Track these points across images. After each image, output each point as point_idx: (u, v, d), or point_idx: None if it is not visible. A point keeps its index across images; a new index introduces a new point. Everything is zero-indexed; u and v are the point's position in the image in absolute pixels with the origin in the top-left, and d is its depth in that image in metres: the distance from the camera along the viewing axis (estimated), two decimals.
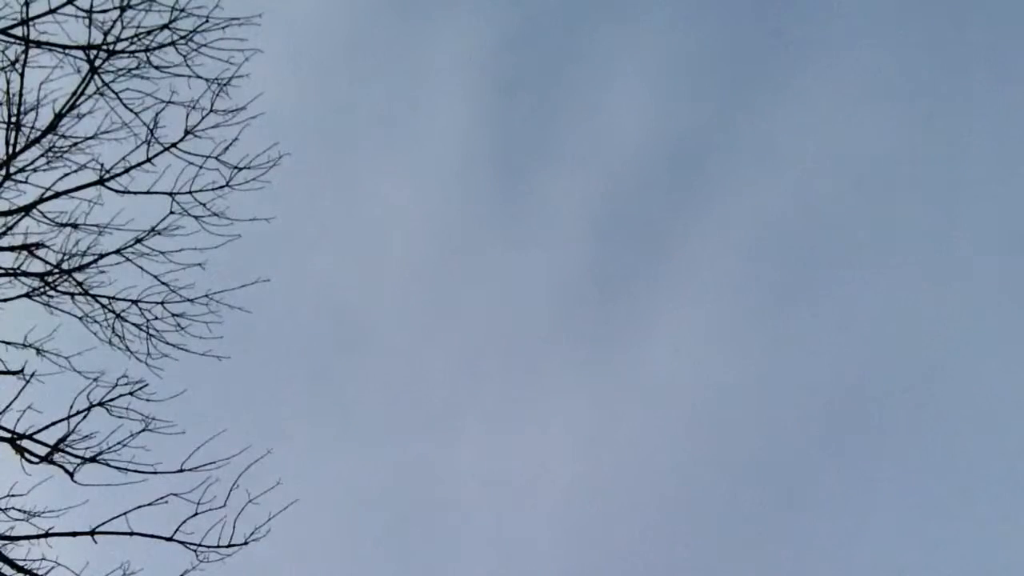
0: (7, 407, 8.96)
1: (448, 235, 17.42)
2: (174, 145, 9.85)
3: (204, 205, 10.01)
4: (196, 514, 9.08)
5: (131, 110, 9.73)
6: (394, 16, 16.44)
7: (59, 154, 9.72)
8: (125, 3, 9.30)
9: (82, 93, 9.55)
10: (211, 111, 9.77)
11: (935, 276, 17.59)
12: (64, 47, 9.37)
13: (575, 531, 17.06)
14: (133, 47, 9.53)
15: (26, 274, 9.79)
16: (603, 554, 16.77)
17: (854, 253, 17.92)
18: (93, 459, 9.21)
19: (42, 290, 9.88)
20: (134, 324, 10.18)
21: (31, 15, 9.11)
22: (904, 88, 17.63)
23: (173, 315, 10.18)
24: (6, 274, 9.72)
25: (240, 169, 9.98)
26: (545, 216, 17.79)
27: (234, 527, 9.09)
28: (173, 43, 9.58)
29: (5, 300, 9.75)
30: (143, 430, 9.38)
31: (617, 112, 17.61)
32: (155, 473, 9.24)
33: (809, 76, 17.63)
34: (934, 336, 17.60)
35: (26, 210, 9.65)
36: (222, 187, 10.00)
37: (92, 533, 8.96)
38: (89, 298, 10.02)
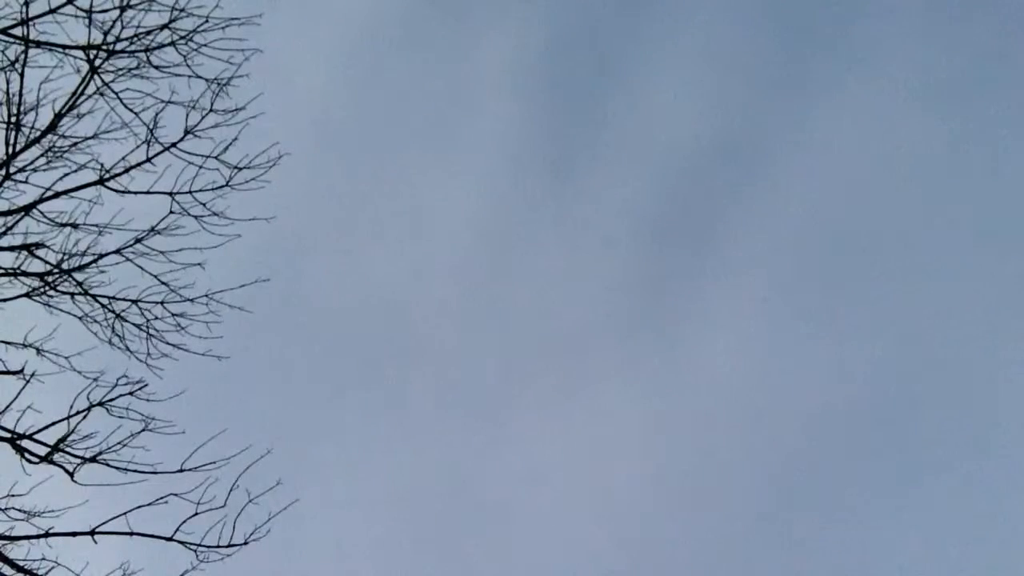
0: (7, 407, 8.97)
1: (498, 231, 17.50)
2: (174, 145, 9.86)
3: (204, 205, 10.03)
4: (196, 514, 9.10)
5: (131, 110, 9.75)
6: (441, 15, 16.50)
7: (59, 154, 9.72)
8: (125, 3, 9.31)
9: (82, 93, 9.55)
10: (211, 111, 9.79)
11: (980, 279, 17.51)
12: (64, 47, 9.37)
13: (622, 528, 17.06)
14: (133, 47, 9.54)
15: (26, 274, 9.79)
16: (651, 552, 16.77)
17: (900, 252, 17.88)
18: (93, 459, 9.21)
19: (42, 290, 9.87)
20: (134, 324, 10.18)
21: (31, 15, 9.12)
22: (955, 88, 17.57)
23: (173, 315, 10.18)
24: (6, 274, 9.71)
25: (239, 169, 10.00)
26: (593, 212, 17.81)
27: (234, 527, 9.12)
28: (173, 43, 9.59)
29: (5, 300, 9.75)
30: (143, 430, 9.40)
31: (665, 109, 17.64)
32: (155, 473, 9.25)
33: (858, 74, 17.62)
34: (978, 339, 17.52)
35: (26, 210, 9.65)
36: (222, 187, 10.02)
37: (92, 533, 8.97)
38: (89, 298, 10.02)
